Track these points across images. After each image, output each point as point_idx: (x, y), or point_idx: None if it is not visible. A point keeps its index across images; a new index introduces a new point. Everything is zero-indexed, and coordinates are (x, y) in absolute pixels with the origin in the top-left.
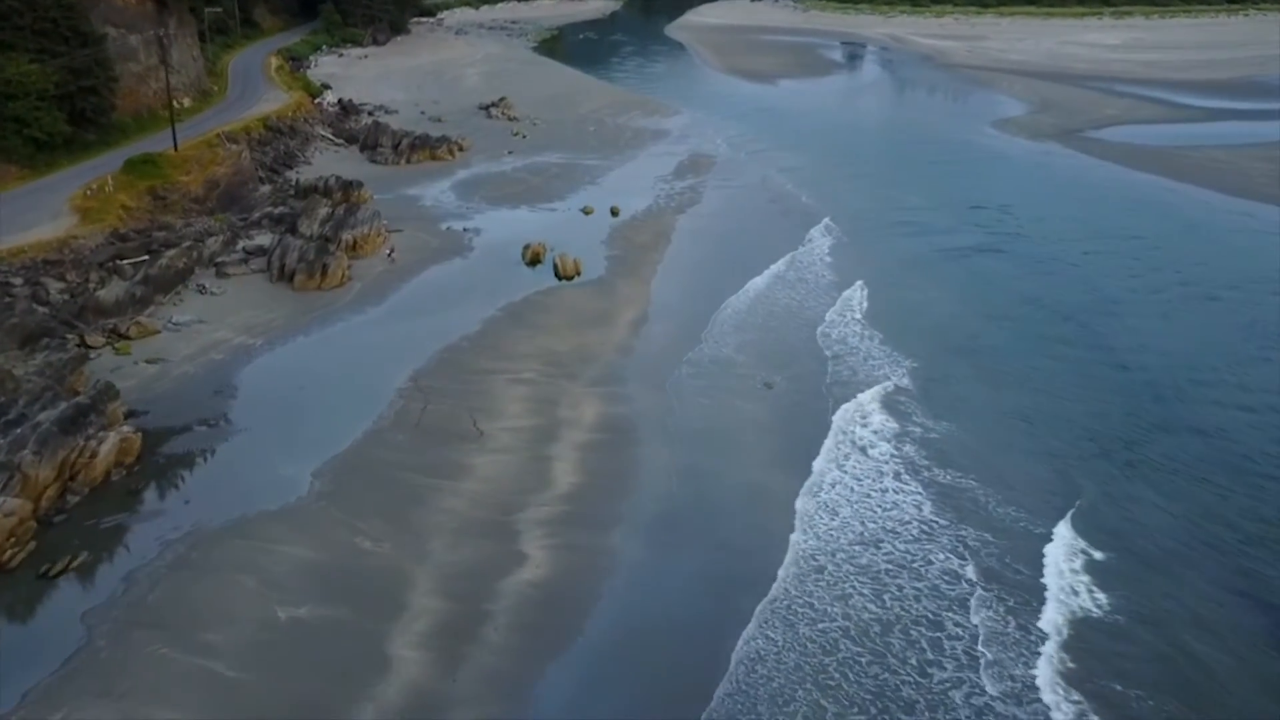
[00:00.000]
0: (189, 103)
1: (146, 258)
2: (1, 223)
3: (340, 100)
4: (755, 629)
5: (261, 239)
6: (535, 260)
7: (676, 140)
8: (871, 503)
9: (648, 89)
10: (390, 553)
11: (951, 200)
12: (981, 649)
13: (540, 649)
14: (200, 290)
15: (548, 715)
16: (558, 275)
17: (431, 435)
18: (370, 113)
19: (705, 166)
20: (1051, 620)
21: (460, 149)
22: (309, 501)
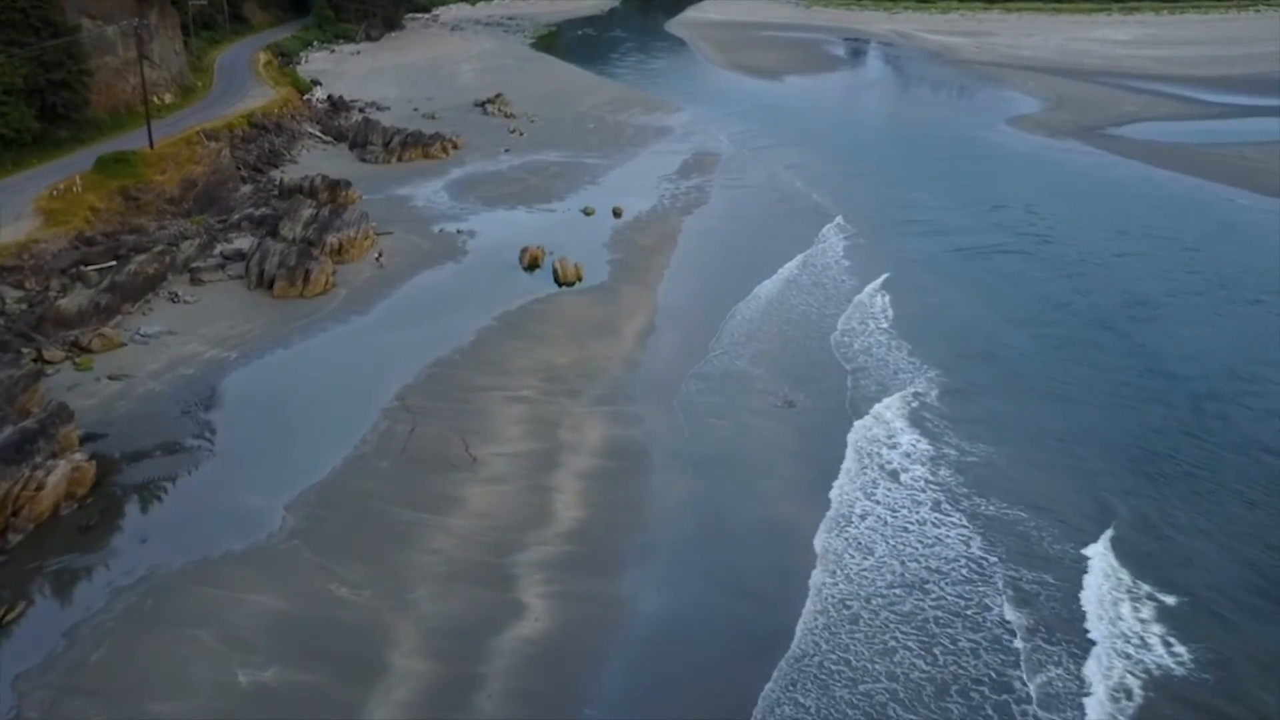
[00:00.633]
0: (170, 99)
1: (114, 263)
2: None
3: (330, 96)
4: (781, 692)
5: (241, 242)
6: (533, 265)
7: (679, 138)
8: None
9: (649, 85)
10: (370, 603)
11: (970, 199)
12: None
13: None
14: (172, 299)
15: None
16: (557, 281)
17: (419, 462)
18: (361, 109)
19: (710, 165)
20: (1118, 676)
21: (454, 147)
22: (280, 540)
